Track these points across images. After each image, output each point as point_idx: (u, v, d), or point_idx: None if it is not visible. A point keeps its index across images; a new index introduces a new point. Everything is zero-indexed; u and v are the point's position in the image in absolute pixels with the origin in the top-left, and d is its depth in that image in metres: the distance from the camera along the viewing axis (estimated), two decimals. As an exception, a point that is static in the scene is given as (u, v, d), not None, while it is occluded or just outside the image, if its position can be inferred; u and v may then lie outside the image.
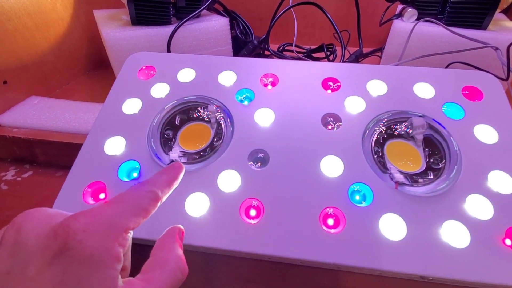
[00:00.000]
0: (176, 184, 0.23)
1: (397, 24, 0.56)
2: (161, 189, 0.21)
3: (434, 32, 0.53)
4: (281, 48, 0.70)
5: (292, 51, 0.70)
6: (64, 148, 0.43)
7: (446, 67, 0.49)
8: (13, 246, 0.17)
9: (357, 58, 0.65)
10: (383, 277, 0.29)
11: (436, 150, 0.30)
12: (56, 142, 0.42)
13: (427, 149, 0.30)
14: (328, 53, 0.65)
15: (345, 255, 0.24)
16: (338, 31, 0.57)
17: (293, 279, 0.30)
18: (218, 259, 0.31)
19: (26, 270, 0.16)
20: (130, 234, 0.19)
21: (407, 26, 0.54)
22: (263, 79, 0.35)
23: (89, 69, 0.68)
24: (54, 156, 0.44)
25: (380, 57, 0.70)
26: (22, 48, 0.51)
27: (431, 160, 0.30)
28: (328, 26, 0.80)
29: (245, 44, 0.64)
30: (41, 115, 0.47)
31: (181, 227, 0.23)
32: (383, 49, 0.72)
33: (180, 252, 0.21)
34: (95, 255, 0.16)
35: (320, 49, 0.68)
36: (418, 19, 0.55)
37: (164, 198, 0.22)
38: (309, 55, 0.70)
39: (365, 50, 0.67)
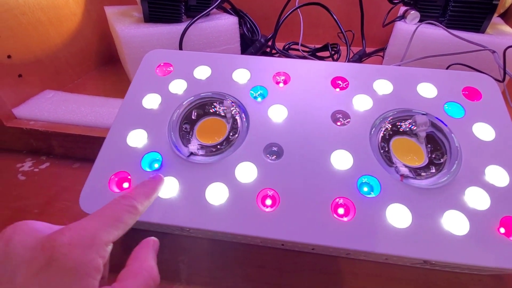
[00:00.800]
0: (155, 196, 0.25)
1: (400, 25, 0.58)
2: (140, 201, 0.23)
3: (435, 34, 0.55)
4: (286, 46, 0.72)
5: (297, 49, 0.72)
6: (81, 141, 0.44)
7: (447, 68, 0.51)
8: (2, 257, 0.18)
9: (360, 57, 0.67)
10: (388, 264, 0.31)
11: (437, 146, 0.32)
12: (73, 135, 0.44)
13: (429, 146, 0.33)
14: (333, 52, 0.67)
15: (355, 241, 0.26)
16: (343, 31, 0.59)
17: (304, 265, 0.32)
18: (233, 246, 0.33)
19: (14, 279, 0.17)
20: (110, 246, 0.21)
21: (409, 28, 0.56)
22: (276, 77, 0.36)
23: (99, 65, 0.69)
24: (71, 148, 0.46)
25: (383, 57, 0.72)
26: (36, 42, 0.53)
27: (433, 156, 0.32)
28: (332, 26, 0.81)
29: (252, 42, 0.66)
30: (57, 108, 0.48)
31: (156, 239, 0.24)
32: (385, 49, 0.74)
33: (153, 262, 0.22)
34: (78, 267, 0.18)
35: (324, 48, 0.70)
36: (420, 21, 0.57)
37: (143, 210, 0.23)
38: (313, 54, 0.72)
39: (367, 50, 0.69)
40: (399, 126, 0.33)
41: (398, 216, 0.27)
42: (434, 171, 0.31)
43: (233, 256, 0.33)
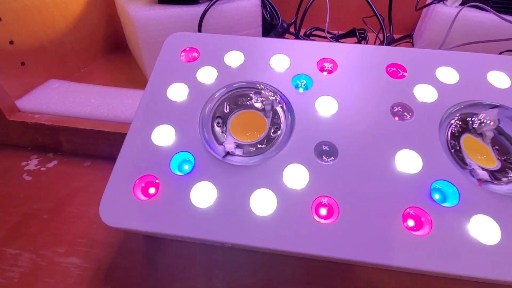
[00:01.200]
0: None
1: (439, 8, 0.53)
2: None
3: (480, 18, 0.50)
4: (308, 32, 0.67)
5: (320, 36, 0.66)
6: (92, 136, 0.39)
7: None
8: None
9: (389, 44, 0.62)
10: (463, 281, 0.27)
11: (505, 149, 0.28)
12: (83, 130, 0.39)
13: (496, 147, 0.28)
14: (360, 38, 0.62)
15: (437, 261, 0.22)
16: (378, 15, 0.54)
17: (357, 282, 0.28)
18: (275, 259, 0.29)
19: None
20: None
21: (450, 10, 0.51)
22: (323, 63, 0.32)
23: (106, 52, 0.64)
24: (81, 144, 0.41)
25: (412, 43, 0.67)
26: (40, 26, 0.47)
27: (503, 158, 0.27)
28: (354, 11, 0.76)
29: (272, 27, 0.60)
30: (64, 100, 0.43)
31: None
32: (413, 35, 0.69)
33: None
34: None
35: (350, 34, 0.65)
36: (461, 4, 0.52)
37: None
38: (337, 40, 0.67)
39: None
40: (468, 122, 0.29)
41: (485, 229, 0.23)
42: (512, 175, 0.26)
43: (276, 272, 0.28)
